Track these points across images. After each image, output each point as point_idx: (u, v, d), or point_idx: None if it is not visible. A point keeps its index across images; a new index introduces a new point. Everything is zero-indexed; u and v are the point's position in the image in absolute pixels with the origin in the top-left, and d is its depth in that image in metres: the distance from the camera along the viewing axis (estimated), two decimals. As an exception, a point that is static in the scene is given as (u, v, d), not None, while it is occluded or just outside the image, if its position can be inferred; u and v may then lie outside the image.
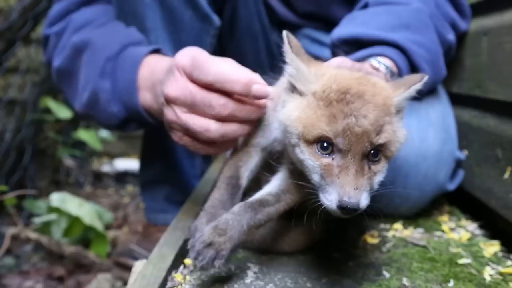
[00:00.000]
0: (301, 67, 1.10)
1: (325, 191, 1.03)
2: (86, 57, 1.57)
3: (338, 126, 1.00)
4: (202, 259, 1.07)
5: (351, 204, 0.98)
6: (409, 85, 1.13)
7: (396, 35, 1.50)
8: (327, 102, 1.03)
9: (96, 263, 2.49)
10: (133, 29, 1.64)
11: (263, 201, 1.20)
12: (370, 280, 1.26)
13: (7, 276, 2.40)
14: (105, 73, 1.50)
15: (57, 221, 2.71)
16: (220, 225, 1.12)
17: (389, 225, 1.68)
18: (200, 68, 1.18)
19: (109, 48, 1.52)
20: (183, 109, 1.23)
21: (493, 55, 1.61)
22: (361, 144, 1.01)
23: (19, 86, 3.12)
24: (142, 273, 1.19)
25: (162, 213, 2.23)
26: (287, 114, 1.10)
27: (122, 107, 1.50)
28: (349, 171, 1.01)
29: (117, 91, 1.49)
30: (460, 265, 1.36)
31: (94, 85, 1.52)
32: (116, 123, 1.55)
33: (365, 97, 1.03)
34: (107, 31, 1.61)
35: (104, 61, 1.50)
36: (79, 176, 4.07)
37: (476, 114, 1.76)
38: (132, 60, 1.47)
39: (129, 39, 1.55)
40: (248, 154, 1.36)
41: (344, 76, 1.08)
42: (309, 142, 1.05)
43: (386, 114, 1.05)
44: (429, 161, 1.65)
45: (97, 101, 1.52)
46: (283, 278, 1.26)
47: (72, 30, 1.65)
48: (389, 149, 1.07)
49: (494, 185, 1.56)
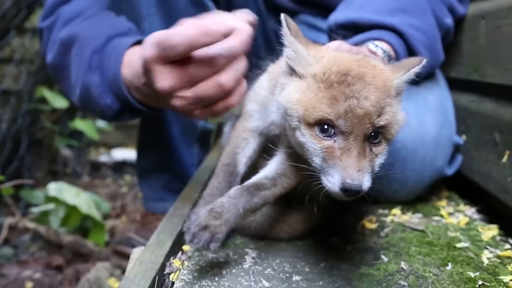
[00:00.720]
0: (300, 50, 1.10)
1: (327, 173, 1.02)
2: (74, 51, 1.53)
3: (340, 108, 1.00)
4: (197, 242, 1.07)
5: (354, 186, 0.98)
6: (408, 68, 1.13)
7: (393, 19, 1.49)
8: (328, 84, 1.03)
9: (94, 252, 2.49)
10: (122, 18, 1.60)
11: (259, 185, 1.20)
12: (368, 264, 1.26)
13: (5, 265, 2.40)
14: (92, 66, 1.46)
15: (54, 210, 2.70)
16: (215, 208, 1.11)
17: (387, 210, 1.68)
18: (165, 44, 1.12)
19: (94, 41, 1.48)
20: (186, 90, 1.18)
21: (491, 39, 1.59)
22: (362, 126, 1.00)
23: (14, 76, 3.09)
24: (140, 259, 1.18)
25: (160, 202, 2.23)
26: (287, 97, 1.09)
27: (115, 98, 1.47)
28: (351, 153, 1.00)
29: (106, 83, 1.45)
30: (458, 249, 1.36)
31: (84, 80, 1.49)
32: (112, 114, 1.53)
33: (366, 78, 1.02)
34: (94, 24, 1.57)
35: (90, 54, 1.47)
36: (77, 166, 4.06)
37: (474, 99, 1.76)
38: (115, 52, 1.43)
39: (114, 30, 1.51)
40: (245, 141, 1.35)
41: (344, 58, 1.08)
42: (310, 125, 1.04)
43: (387, 96, 1.05)
44: (427, 146, 1.64)
45: (90, 95, 1.50)
46: (281, 263, 1.26)
47: (60, 24, 1.61)
48: (389, 131, 1.07)
49: (492, 169, 1.56)
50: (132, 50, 1.41)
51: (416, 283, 1.16)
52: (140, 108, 1.45)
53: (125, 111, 1.53)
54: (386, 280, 1.18)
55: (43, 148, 3.63)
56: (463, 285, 1.16)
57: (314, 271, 1.22)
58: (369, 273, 1.22)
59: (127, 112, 1.54)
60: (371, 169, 1.04)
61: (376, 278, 1.19)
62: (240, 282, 1.14)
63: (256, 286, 1.13)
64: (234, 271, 1.21)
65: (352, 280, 1.17)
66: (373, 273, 1.22)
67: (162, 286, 1.16)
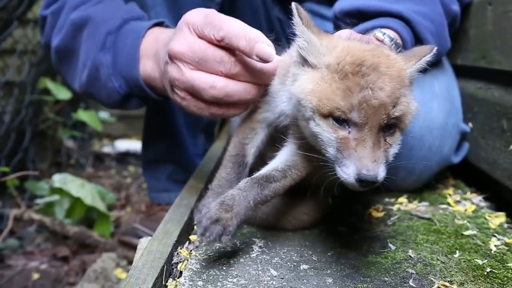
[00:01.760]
0: (313, 40, 1.08)
1: (342, 164, 1.02)
2: (86, 33, 1.54)
3: (354, 99, 0.99)
4: (209, 235, 1.07)
5: (370, 177, 0.97)
6: (420, 57, 1.12)
7: (400, 6, 1.47)
8: (342, 74, 1.01)
9: (100, 243, 2.50)
10: (134, 4, 1.61)
11: (269, 177, 1.19)
12: (376, 253, 1.26)
13: (11, 257, 2.41)
14: (106, 47, 1.47)
15: (59, 202, 2.71)
16: (226, 201, 1.11)
17: (394, 199, 1.68)
18: (213, 24, 1.16)
19: (110, 22, 1.49)
20: (188, 66, 1.19)
21: (498, 25, 1.58)
22: (378, 117, 1.00)
23: (16, 67, 3.08)
24: (148, 249, 1.18)
25: (164, 192, 2.23)
26: (300, 88, 1.08)
27: (123, 81, 1.47)
28: (367, 144, 1.00)
29: (118, 64, 1.46)
30: (465, 237, 1.36)
31: (94, 60, 1.49)
32: (118, 99, 1.52)
33: (380, 69, 1.01)
34: (107, 7, 1.58)
35: (105, 35, 1.47)
36: (80, 158, 4.06)
37: (481, 86, 1.74)
38: (135, 33, 1.44)
39: (130, 14, 1.52)
40: (254, 131, 1.34)
41: (357, 48, 1.06)
42: (324, 115, 1.03)
43: (401, 86, 1.04)
44: (433, 134, 1.63)
45: (98, 77, 1.50)
46: (288, 252, 1.26)
47: (69, 8, 1.61)
48: (403, 122, 1.06)
49: (499, 156, 1.55)
50: (157, 28, 1.44)
51: (424, 271, 1.16)
52: (146, 90, 1.45)
53: (131, 97, 1.53)
54: (394, 268, 1.18)
55: (47, 140, 3.64)
56: (471, 272, 1.16)
57: (322, 259, 1.22)
58: (376, 261, 1.21)
59: (133, 98, 1.53)
60: (386, 159, 1.03)
61: (384, 266, 1.19)
62: (248, 271, 1.14)
63: (264, 275, 1.13)
64: (242, 260, 1.21)
65: (360, 269, 1.17)
66: (381, 261, 1.22)
67: (170, 276, 1.16)
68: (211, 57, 1.17)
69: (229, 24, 1.15)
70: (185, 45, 1.18)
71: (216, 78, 1.19)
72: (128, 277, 1.06)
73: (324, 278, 1.12)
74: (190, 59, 1.18)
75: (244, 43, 1.13)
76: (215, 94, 1.19)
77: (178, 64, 1.21)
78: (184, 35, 1.19)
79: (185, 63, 1.19)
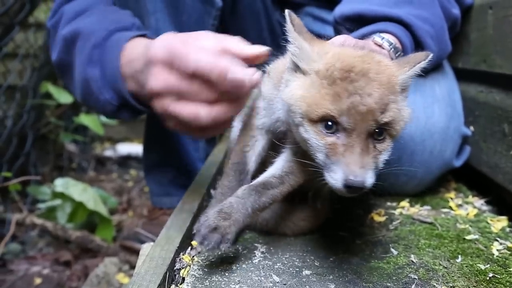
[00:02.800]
0: (304, 46, 1.08)
1: (330, 170, 1.02)
2: (77, 47, 1.53)
3: (343, 104, 0.99)
4: (208, 243, 1.08)
5: (357, 183, 0.97)
6: (414, 64, 1.11)
7: (399, 11, 1.47)
8: (331, 80, 1.02)
9: (102, 247, 2.50)
10: (126, 13, 1.59)
11: (267, 184, 1.20)
12: (378, 258, 1.26)
13: (14, 261, 2.41)
14: (93, 61, 1.46)
15: (61, 206, 2.72)
16: (224, 209, 1.12)
17: (396, 203, 1.68)
18: (179, 58, 1.15)
19: (96, 35, 1.47)
20: (171, 98, 1.20)
21: (499, 29, 1.58)
22: (366, 123, 1.00)
23: (18, 71, 3.09)
24: (150, 255, 1.18)
25: (166, 197, 2.23)
26: (290, 93, 1.09)
27: (114, 93, 1.46)
28: (355, 150, 1.00)
29: (106, 77, 1.45)
30: (468, 241, 1.36)
31: (84, 74, 1.48)
32: (112, 110, 1.51)
33: (369, 75, 1.01)
34: (96, 18, 1.56)
35: (91, 48, 1.46)
36: (82, 161, 4.07)
37: (482, 89, 1.74)
38: (116, 46, 1.42)
39: (116, 25, 1.50)
40: (254, 138, 1.35)
41: (348, 54, 1.06)
42: (313, 121, 1.04)
43: (391, 93, 1.03)
44: (435, 138, 1.63)
45: (90, 90, 1.49)
46: (290, 258, 1.26)
47: (64, 22, 1.61)
48: (394, 128, 1.06)
49: (501, 160, 1.55)
50: (133, 41, 1.41)
51: (427, 276, 1.16)
52: (135, 104, 1.44)
53: (124, 108, 1.52)
54: (396, 274, 1.17)
55: (49, 144, 3.64)
56: (474, 277, 1.16)
57: (324, 265, 1.22)
58: (379, 266, 1.21)
59: (125, 108, 1.53)
60: (375, 166, 1.03)
61: (386, 272, 1.19)
62: (250, 277, 1.14)
63: (266, 281, 1.13)
64: (244, 266, 1.21)
65: (362, 274, 1.17)
66: (383, 266, 1.21)
67: (173, 282, 1.16)
68: (188, 90, 1.17)
69: (195, 57, 1.14)
70: (160, 82, 1.18)
71: (199, 108, 1.18)
72: (130, 284, 1.06)
73: (327, 283, 1.12)
74: (169, 94, 1.19)
75: (216, 76, 1.12)
76: (202, 123, 1.19)
77: (161, 100, 1.22)
78: (157, 73, 1.19)
79: (166, 97, 1.20)
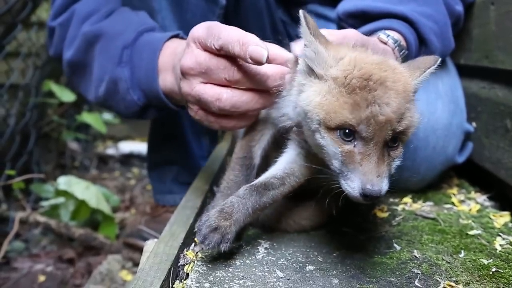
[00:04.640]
0: (321, 50, 1.07)
1: (347, 177, 1.03)
2: (100, 47, 1.56)
3: (362, 114, 0.99)
4: (208, 243, 1.09)
5: (374, 192, 0.98)
6: (424, 69, 1.12)
7: (403, 8, 1.47)
8: (350, 89, 1.01)
9: (105, 245, 2.51)
10: (143, 14, 1.62)
11: (267, 184, 1.21)
12: (381, 253, 1.27)
13: (17, 259, 2.42)
14: (123, 61, 1.49)
15: (64, 204, 2.72)
16: (225, 209, 1.13)
17: (399, 199, 1.68)
18: (213, 34, 1.17)
19: (124, 36, 1.51)
20: (198, 80, 1.22)
21: (501, 24, 1.58)
22: (384, 132, 1.00)
23: (21, 70, 3.09)
24: (154, 252, 1.19)
25: (169, 194, 2.24)
26: (307, 100, 1.08)
27: (142, 94, 1.49)
28: (371, 159, 1.00)
29: (136, 78, 1.48)
30: (470, 236, 1.36)
31: (112, 74, 1.51)
32: (136, 110, 1.54)
33: (387, 83, 1.01)
34: (118, 20, 1.60)
35: (121, 49, 1.50)
36: (84, 160, 4.07)
37: (484, 85, 1.74)
38: (151, 46, 1.46)
39: (143, 26, 1.54)
40: (260, 133, 1.35)
41: (364, 60, 1.05)
42: (331, 129, 1.04)
43: (407, 101, 1.04)
44: (438, 134, 1.64)
45: (116, 90, 1.52)
46: (294, 253, 1.27)
47: (78, 20, 1.63)
48: (406, 135, 1.07)
49: (503, 156, 1.55)
50: (173, 41, 1.46)
51: (430, 271, 1.16)
52: (166, 102, 1.46)
53: (149, 108, 1.55)
54: (400, 269, 1.18)
55: (51, 142, 3.65)
56: (477, 272, 1.16)
57: (328, 260, 1.23)
58: (382, 261, 1.22)
59: (151, 108, 1.55)
60: (389, 173, 1.05)
61: (390, 267, 1.19)
62: (254, 273, 1.15)
63: (270, 276, 1.13)
64: (248, 261, 1.21)
65: (366, 269, 1.18)
66: (386, 261, 1.22)
67: (177, 278, 1.16)
68: (215, 66, 1.19)
69: (226, 32, 1.16)
70: (192, 59, 1.21)
71: (222, 90, 1.20)
72: (135, 280, 1.07)
73: (330, 279, 1.13)
74: (197, 72, 1.21)
75: (238, 48, 1.14)
76: (222, 106, 1.20)
77: (188, 79, 1.23)
78: (191, 50, 1.22)
79: (195, 77, 1.22)
